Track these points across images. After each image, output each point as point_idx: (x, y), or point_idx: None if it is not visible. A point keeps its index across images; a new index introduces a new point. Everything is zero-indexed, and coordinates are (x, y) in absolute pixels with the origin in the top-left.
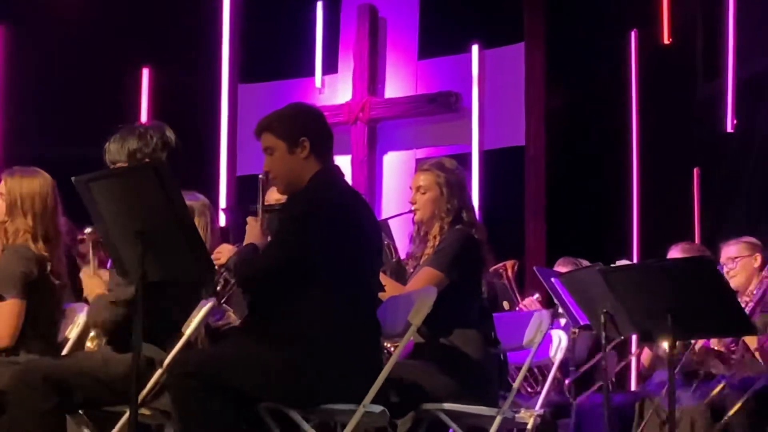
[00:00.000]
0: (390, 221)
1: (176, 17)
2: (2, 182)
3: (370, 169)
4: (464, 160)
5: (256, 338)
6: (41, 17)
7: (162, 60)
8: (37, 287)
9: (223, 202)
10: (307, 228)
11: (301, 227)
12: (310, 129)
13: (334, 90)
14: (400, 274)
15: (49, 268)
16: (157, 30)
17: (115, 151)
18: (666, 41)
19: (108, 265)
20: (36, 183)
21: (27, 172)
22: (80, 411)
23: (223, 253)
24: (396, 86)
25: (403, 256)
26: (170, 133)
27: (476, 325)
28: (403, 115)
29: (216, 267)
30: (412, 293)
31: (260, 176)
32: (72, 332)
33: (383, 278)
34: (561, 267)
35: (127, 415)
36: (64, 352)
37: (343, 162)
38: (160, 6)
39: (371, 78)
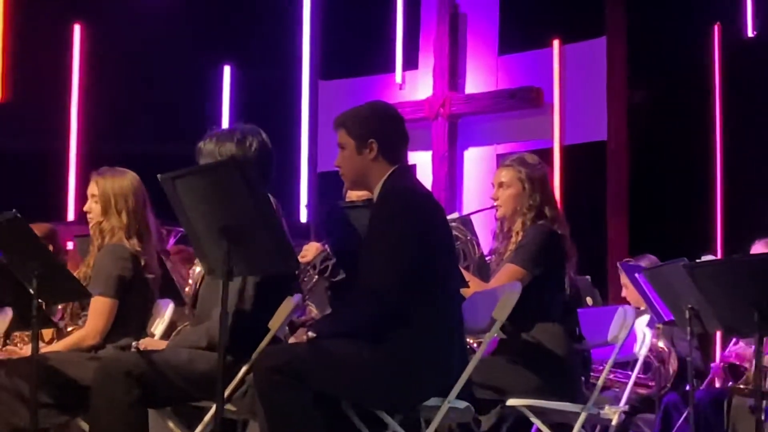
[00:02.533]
0: (472, 217)
1: (257, 15)
2: (93, 183)
3: (451, 165)
4: (545, 155)
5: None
6: (122, 15)
7: (243, 57)
8: (131, 286)
9: (304, 199)
10: (404, 246)
11: (398, 248)
12: (381, 132)
13: (415, 86)
14: (483, 271)
15: (143, 262)
16: (239, 27)
17: (209, 153)
18: (750, 34)
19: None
20: (126, 181)
21: (116, 171)
22: (167, 406)
23: (310, 251)
24: (476, 82)
25: (485, 252)
26: (266, 137)
27: (560, 320)
28: (483, 110)
29: (302, 264)
30: (496, 289)
31: None
32: (158, 328)
33: (466, 275)
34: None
35: (213, 410)
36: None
37: (424, 158)
38: (241, 3)
39: (452, 73)
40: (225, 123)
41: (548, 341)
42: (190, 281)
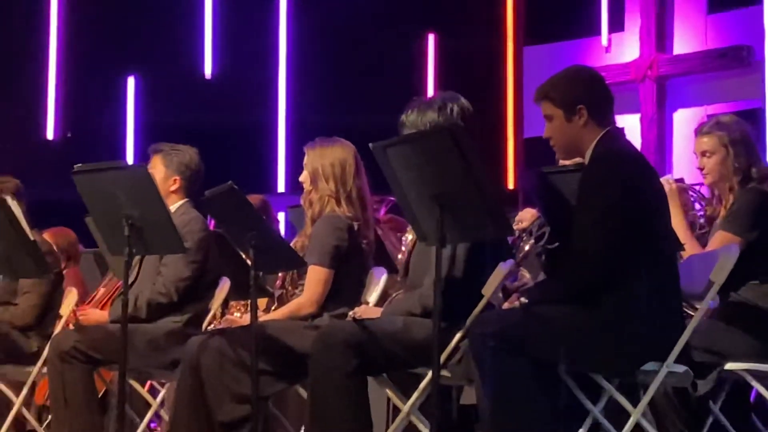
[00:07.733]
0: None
1: None
2: (306, 155)
3: (660, 127)
4: (756, 115)
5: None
6: None
7: (447, 25)
8: (347, 255)
9: (511, 165)
10: (613, 209)
11: (607, 211)
12: (587, 95)
13: (621, 48)
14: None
15: (356, 227)
16: None
17: (412, 124)
18: None
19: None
20: (336, 150)
21: (326, 141)
22: (383, 373)
23: (526, 218)
24: (685, 42)
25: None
26: (466, 102)
27: None
28: (692, 71)
29: (517, 231)
30: (713, 252)
31: None
32: (372, 296)
33: (682, 236)
34: None
35: (429, 376)
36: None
37: (633, 120)
38: None
39: (659, 34)
40: (430, 92)
41: (766, 303)
42: (403, 248)
